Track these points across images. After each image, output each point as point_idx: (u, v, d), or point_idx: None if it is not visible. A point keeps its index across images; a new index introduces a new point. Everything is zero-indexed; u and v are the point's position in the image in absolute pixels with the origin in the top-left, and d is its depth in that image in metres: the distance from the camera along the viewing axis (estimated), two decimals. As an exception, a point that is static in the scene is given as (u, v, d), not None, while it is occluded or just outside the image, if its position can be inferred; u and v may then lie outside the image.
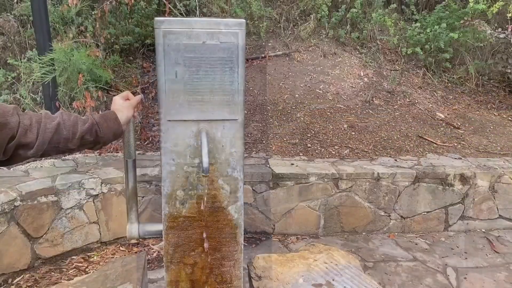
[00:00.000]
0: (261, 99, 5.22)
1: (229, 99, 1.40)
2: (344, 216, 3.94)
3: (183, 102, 1.39)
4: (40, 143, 1.23)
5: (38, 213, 3.12)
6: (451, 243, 3.92)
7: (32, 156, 1.24)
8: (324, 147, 4.53)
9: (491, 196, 4.14)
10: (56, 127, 1.27)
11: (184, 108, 1.40)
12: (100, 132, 1.36)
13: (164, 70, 1.36)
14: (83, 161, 3.84)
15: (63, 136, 1.29)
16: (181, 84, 1.36)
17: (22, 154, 1.22)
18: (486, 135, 5.18)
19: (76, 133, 1.31)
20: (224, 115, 1.43)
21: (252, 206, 3.80)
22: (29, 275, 3.11)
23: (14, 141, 1.16)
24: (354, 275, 2.20)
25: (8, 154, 1.18)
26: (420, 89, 6.02)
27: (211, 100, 1.39)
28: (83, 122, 1.34)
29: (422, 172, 3.96)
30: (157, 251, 3.52)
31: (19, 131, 1.18)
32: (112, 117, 1.41)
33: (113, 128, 1.40)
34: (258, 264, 2.26)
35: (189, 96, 1.38)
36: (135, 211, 1.69)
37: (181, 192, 1.50)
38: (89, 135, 1.35)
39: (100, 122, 1.37)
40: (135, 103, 1.51)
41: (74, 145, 1.33)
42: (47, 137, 1.25)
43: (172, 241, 1.53)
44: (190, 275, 1.56)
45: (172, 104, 1.39)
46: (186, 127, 1.42)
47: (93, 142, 1.38)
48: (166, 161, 1.46)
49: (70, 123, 1.31)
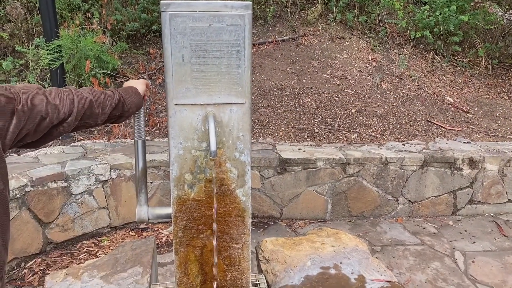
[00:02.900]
0: (268, 84, 5.20)
1: (236, 83, 1.40)
2: (351, 201, 3.95)
3: (190, 86, 1.39)
4: (73, 119, 1.23)
5: (49, 199, 3.16)
6: (459, 227, 3.91)
7: (64, 132, 1.24)
8: (332, 132, 4.51)
9: (500, 180, 4.11)
10: (89, 103, 1.29)
11: (191, 92, 1.40)
12: (126, 106, 1.44)
13: (171, 54, 1.35)
14: (92, 147, 3.87)
15: (94, 112, 1.32)
16: (188, 67, 1.36)
17: (55, 133, 1.21)
18: (495, 119, 5.13)
19: (106, 108, 1.36)
20: (231, 99, 1.43)
21: (260, 191, 3.82)
22: (41, 259, 3.16)
23: (47, 122, 1.15)
24: (361, 258, 2.21)
25: (40, 134, 1.16)
26: (429, 73, 5.96)
27: (218, 83, 1.39)
28: (111, 98, 1.39)
29: (431, 156, 3.94)
30: (166, 236, 3.56)
31: (50, 112, 1.15)
32: (134, 91, 1.52)
33: (136, 102, 1.50)
34: (266, 247, 2.28)
35: (196, 79, 1.38)
36: (145, 193, 1.71)
37: (189, 176, 1.51)
38: (116, 109, 1.41)
39: (125, 97, 1.45)
40: (146, 81, 1.65)
41: (102, 120, 1.37)
42: (80, 113, 1.26)
43: (181, 224, 1.55)
44: (199, 257, 1.58)
45: (179, 88, 1.39)
46: (193, 111, 1.43)
47: (118, 116, 1.44)
48: (173, 145, 1.47)
49: (99, 98, 1.34)
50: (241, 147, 1.51)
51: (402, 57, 5.97)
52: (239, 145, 1.51)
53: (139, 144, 1.66)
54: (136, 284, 1.98)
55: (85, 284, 1.98)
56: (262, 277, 2.10)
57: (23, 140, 1.13)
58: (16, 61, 4.76)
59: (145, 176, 1.70)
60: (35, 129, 1.13)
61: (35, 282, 2.94)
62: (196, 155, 1.49)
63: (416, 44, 6.38)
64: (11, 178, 3.05)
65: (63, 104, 1.20)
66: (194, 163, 1.50)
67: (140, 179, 1.69)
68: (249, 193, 1.58)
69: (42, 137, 1.20)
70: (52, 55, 4.03)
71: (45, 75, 4.75)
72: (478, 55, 6.21)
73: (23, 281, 2.94)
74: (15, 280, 2.95)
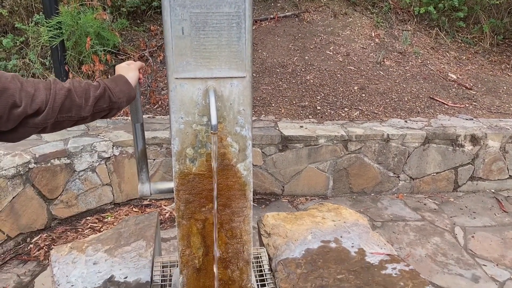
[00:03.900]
0: (270, 61, 5.16)
1: (236, 56, 1.39)
2: (353, 178, 3.97)
3: (190, 59, 1.38)
4: (50, 110, 1.16)
5: (52, 175, 3.19)
6: (460, 203, 3.94)
7: (41, 124, 1.16)
8: (334, 110, 4.50)
9: (502, 156, 4.12)
10: (67, 93, 1.19)
11: (191, 65, 1.39)
12: (114, 96, 1.31)
13: (171, 27, 1.34)
14: (94, 125, 3.88)
15: (76, 103, 1.22)
16: (188, 40, 1.35)
17: (30, 123, 1.14)
18: (499, 96, 5.10)
19: (89, 99, 1.25)
20: (232, 73, 1.42)
21: (262, 168, 3.84)
22: (46, 234, 3.21)
23: (20, 110, 1.09)
24: (362, 232, 2.23)
25: (14, 123, 1.11)
26: (432, 49, 5.90)
27: (218, 57, 1.39)
28: (95, 88, 1.28)
29: (432, 133, 3.94)
30: (169, 212, 3.60)
31: (24, 99, 1.10)
32: (123, 80, 1.38)
33: (125, 91, 1.36)
34: (267, 222, 2.31)
35: (196, 53, 1.37)
36: (146, 172, 1.72)
37: (191, 150, 1.52)
38: (102, 100, 1.29)
39: (111, 86, 1.32)
40: (139, 65, 1.50)
41: (87, 112, 1.25)
42: (58, 104, 1.17)
43: (183, 197, 1.56)
44: (201, 230, 1.61)
45: (179, 61, 1.38)
46: (193, 85, 1.42)
47: (108, 109, 1.32)
48: (174, 119, 1.47)
49: (81, 89, 1.24)
50: (242, 121, 1.51)
51: (405, 34, 5.90)
52: (240, 119, 1.51)
53: (137, 127, 1.65)
54: (139, 257, 2.02)
55: (90, 258, 2.02)
56: (264, 250, 2.14)
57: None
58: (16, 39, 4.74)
59: (145, 156, 1.71)
60: (7, 117, 1.08)
61: (41, 256, 2.99)
62: (197, 129, 1.50)
63: (420, 20, 6.29)
64: (15, 155, 3.07)
65: (38, 94, 1.13)
66: (195, 138, 1.51)
67: (141, 160, 1.70)
68: (250, 167, 1.59)
69: (18, 128, 1.14)
70: (52, 32, 4.00)
71: (45, 52, 4.73)
72: (482, 31, 6.13)
73: (29, 256, 3.00)
74: (21, 255, 3.01)
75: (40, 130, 1.19)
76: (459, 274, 2.93)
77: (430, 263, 3.05)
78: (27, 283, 2.74)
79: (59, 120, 1.20)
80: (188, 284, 1.67)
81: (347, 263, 1.96)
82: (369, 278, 1.84)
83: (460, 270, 2.97)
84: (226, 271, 1.69)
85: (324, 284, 1.80)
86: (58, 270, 1.93)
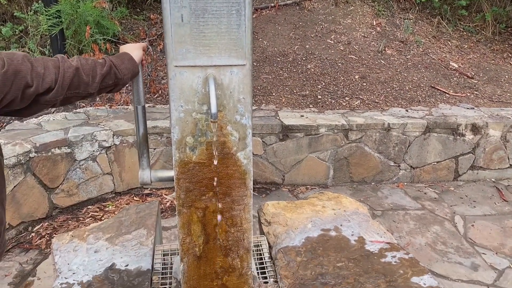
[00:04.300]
0: (270, 50, 5.13)
1: (236, 43, 1.38)
2: (353, 167, 3.97)
3: (189, 47, 1.37)
4: (59, 88, 1.21)
5: (53, 164, 3.20)
6: (460, 192, 3.95)
7: (51, 101, 1.22)
8: (335, 99, 4.49)
9: (503, 145, 4.11)
10: (75, 71, 1.25)
11: (190, 53, 1.38)
12: (119, 73, 1.39)
13: (170, 14, 1.33)
14: (94, 114, 3.88)
15: (83, 81, 1.28)
16: (187, 28, 1.34)
17: (41, 100, 1.20)
18: (500, 85, 5.08)
19: (96, 77, 1.31)
20: (232, 60, 1.41)
21: (262, 158, 3.84)
22: (47, 223, 3.23)
23: (32, 89, 1.14)
24: (362, 221, 2.24)
25: (26, 102, 1.16)
26: (434, 38, 5.86)
27: (217, 44, 1.38)
28: (101, 65, 1.34)
29: (433, 122, 3.93)
30: (170, 201, 3.61)
31: (35, 79, 1.15)
32: (128, 57, 1.46)
33: (130, 68, 1.44)
34: (267, 210, 2.31)
35: (196, 40, 1.36)
36: (147, 157, 1.72)
37: (191, 139, 1.52)
38: (109, 77, 1.36)
39: (117, 64, 1.39)
40: (143, 45, 1.58)
41: (94, 89, 1.33)
42: (67, 82, 1.23)
43: (183, 186, 1.57)
44: (202, 219, 1.61)
45: (179, 49, 1.37)
46: (193, 73, 1.42)
47: (113, 85, 1.39)
48: (174, 107, 1.46)
49: (88, 67, 1.30)
50: (242, 110, 1.51)
51: (407, 22, 5.85)
52: (240, 108, 1.50)
53: (138, 110, 1.65)
54: (140, 246, 2.03)
55: (91, 246, 2.03)
56: (264, 239, 2.15)
57: (10, 107, 1.13)
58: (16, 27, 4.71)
59: (146, 141, 1.71)
60: (21, 97, 1.13)
61: (42, 245, 3.01)
62: (197, 118, 1.49)
63: (421, 9, 6.24)
64: (15, 144, 3.07)
65: (48, 73, 1.19)
66: (195, 126, 1.50)
67: (142, 144, 1.70)
68: (250, 156, 1.59)
69: (30, 105, 1.19)
70: (52, 21, 3.98)
71: (45, 41, 4.70)
72: (485, 19, 6.08)
73: (31, 244, 3.02)
74: (23, 243, 3.03)
75: (51, 105, 1.26)
76: (458, 263, 2.95)
77: (429, 251, 3.06)
78: (29, 271, 2.76)
79: (67, 96, 1.27)
80: (188, 271, 1.68)
81: (346, 251, 1.96)
82: (369, 266, 1.85)
83: (459, 259, 2.99)
84: (226, 259, 1.70)
85: (323, 272, 1.81)
86: (59, 258, 1.94)
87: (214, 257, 1.68)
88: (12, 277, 2.71)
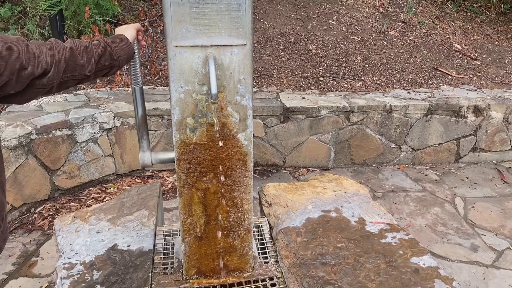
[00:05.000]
0: (272, 31, 5.08)
1: (236, 23, 1.37)
2: (354, 149, 3.97)
3: (189, 26, 1.35)
4: (55, 70, 1.20)
5: (54, 146, 3.20)
6: (461, 174, 3.95)
7: (48, 85, 1.20)
8: (337, 80, 4.46)
9: (505, 127, 4.10)
10: (70, 53, 1.24)
11: (190, 33, 1.37)
12: (114, 54, 1.38)
13: (169, -7, 1.31)
14: (94, 96, 3.87)
15: (79, 62, 1.26)
16: (187, 7, 1.32)
17: (38, 84, 1.18)
18: (504, 66, 5.03)
19: (91, 58, 1.30)
20: (232, 40, 1.40)
21: (263, 140, 3.84)
22: (50, 204, 3.25)
23: (28, 72, 1.13)
24: (362, 202, 2.25)
25: (22, 85, 1.15)
26: (437, 19, 5.78)
27: (217, 23, 1.36)
28: (96, 47, 1.33)
29: (435, 104, 3.91)
30: (172, 183, 3.62)
31: (31, 61, 1.14)
32: (122, 38, 1.45)
33: (125, 49, 1.43)
34: (268, 192, 2.32)
35: (195, 20, 1.34)
36: (146, 139, 1.72)
37: (191, 120, 1.51)
38: (104, 59, 1.35)
39: (112, 44, 1.38)
40: (136, 26, 1.56)
41: (90, 71, 1.31)
42: (62, 64, 1.21)
43: (184, 167, 1.57)
44: (203, 199, 1.62)
45: (178, 29, 1.36)
46: (193, 53, 1.40)
47: (109, 67, 1.38)
48: (174, 88, 1.45)
49: (82, 48, 1.29)
50: (243, 90, 1.50)
51: (410, 2, 5.77)
52: (240, 88, 1.49)
53: (136, 91, 1.64)
54: (142, 226, 2.04)
55: (93, 227, 2.04)
56: (265, 220, 2.16)
57: (5, 90, 1.11)
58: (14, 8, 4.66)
59: (146, 122, 1.71)
60: (16, 79, 1.11)
61: (45, 226, 3.04)
62: (197, 98, 1.48)
63: (425, -11, 6.15)
64: (16, 126, 3.07)
65: (43, 55, 1.17)
66: (196, 107, 1.50)
67: (141, 126, 1.70)
68: (251, 137, 1.58)
69: (26, 90, 1.18)
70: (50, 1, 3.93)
71: (44, 22, 4.66)
72: (489, -1, 6.00)
73: (34, 225, 3.05)
74: (26, 224, 3.05)
75: (47, 90, 1.24)
76: (458, 244, 2.97)
77: (429, 232, 3.08)
78: (32, 252, 2.79)
79: (64, 80, 1.25)
80: (190, 251, 1.70)
81: (347, 232, 1.98)
82: (369, 247, 1.86)
83: (459, 240, 3.01)
84: (227, 239, 1.71)
85: (324, 252, 1.83)
86: (62, 239, 1.96)
87: (215, 238, 1.69)
88: (16, 257, 2.74)
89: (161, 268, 1.81)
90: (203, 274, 1.74)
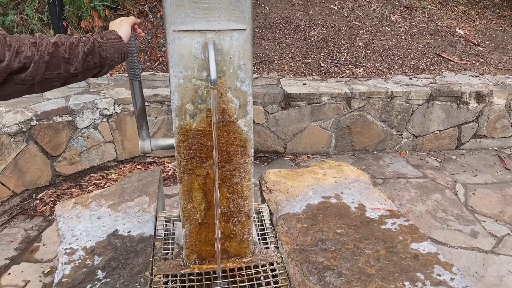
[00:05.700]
0: (273, 16, 5.03)
1: (236, 7, 1.35)
2: (355, 135, 3.96)
3: (188, 10, 1.34)
4: (36, 65, 1.11)
5: (55, 132, 3.20)
6: (462, 161, 3.95)
7: (27, 81, 1.12)
8: (338, 66, 4.43)
9: (507, 114, 4.08)
10: (54, 48, 1.15)
11: (189, 17, 1.35)
12: (104, 51, 1.26)
13: (168, -24, 1.29)
14: (94, 82, 3.85)
15: (64, 58, 1.17)
16: (186, -9, 1.31)
17: (16, 79, 1.10)
18: (507, 52, 4.99)
19: (78, 55, 1.20)
20: (232, 25, 1.38)
21: (264, 127, 3.83)
22: (51, 190, 3.26)
23: (4, 64, 1.05)
24: (362, 188, 2.25)
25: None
26: (440, 4, 5.72)
27: (217, 8, 1.34)
28: (83, 43, 1.23)
29: (437, 90, 3.89)
30: (172, 169, 3.63)
31: (8, 54, 1.06)
32: (114, 34, 1.33)
33: (116, 46, 1.31)
34: (269, 178, 2.32)
35: (195, 4, 1.33)
36: (146, 129, 1.72)
37: (191, 106, 1.50)
38: (92, 56, 1.24)
39: (101, 41, 1.27)
40: (131, 20, 1.45)
41: (76, 69, 1.21)
42: (44, 59, 1.13)
43: (184, 153, 1.56)
44: (203, 186, 1.62)
45: (177, 13, 1.34)
46: (192, 38, 1.39)
47: (99, 65, 1.27)
48: (173, 74, 1.44)
49: (69, 44, 1.19)
50: (243, 76, 1.49)
51: (413, -13, 5.70)
52: (240, 74, 1.48)
53: (135, 86, 1.62)
54: (143, 212, 2.05)
55: (94, 212, 2.05)
56: (265, 206, 2.16)
57: None
58: (13, -7, 4.61)
59: (145, 113, 1.70)
60: None
61: (47, 212, 3.05)
62: (196, 84, 1.47)
63: (429, -27, 6.06)
64: (16, 112, 3.06)
65: (23, 48, 1.09)
66: (195, 93, 1.48)
67: (140, 117, 1.69)
68: (251, 123, 1.57)
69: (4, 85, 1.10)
70: (49, -14, 3.89)
71: (43, 7, 4.62)
72: (494, -16, 5.92)
73: (35, 211, 3.06)
74: (27, 210, 3.07)
75: (28, 88, 1.15)
76: (458, 230, 2.98)
77: (430, 219, 3.09)
78: (34, 237, 2.81)
79: (47, 78, 1.16)
80: (190, 237, 1.70)
81: (347, 218, 1.98)
82: (369, 233, 1.87)
83: (459, 226, 3.02)
84: (227, 225, 1.71)
85: (323, 238, 1.83)
86: (63, 225, 1.96)
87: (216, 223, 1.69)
88: (18, 242, 2.76)
89: (162, 253, 1.82)
90: (203, 260, 1.75)
